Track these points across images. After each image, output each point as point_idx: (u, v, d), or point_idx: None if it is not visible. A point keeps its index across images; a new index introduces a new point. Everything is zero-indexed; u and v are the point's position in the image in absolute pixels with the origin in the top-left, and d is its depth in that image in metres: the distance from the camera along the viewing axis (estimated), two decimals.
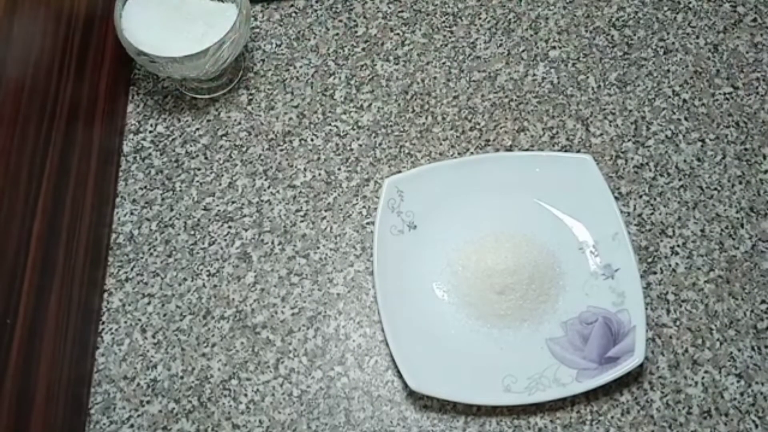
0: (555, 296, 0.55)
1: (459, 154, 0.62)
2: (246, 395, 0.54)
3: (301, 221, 0.60)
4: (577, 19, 0.68)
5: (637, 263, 0.54)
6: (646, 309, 0.53)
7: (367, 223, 0.60)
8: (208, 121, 0.64)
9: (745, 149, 0.61)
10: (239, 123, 0.64)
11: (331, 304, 0.57)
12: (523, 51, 0.66)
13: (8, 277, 0.46)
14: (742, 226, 0.58)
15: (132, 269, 0.58)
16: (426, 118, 0.64)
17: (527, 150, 0.62)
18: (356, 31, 0.68)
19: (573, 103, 0.64)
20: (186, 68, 0.58)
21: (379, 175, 0.61)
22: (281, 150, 0.63)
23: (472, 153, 0.62)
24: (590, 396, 0.53)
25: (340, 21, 0.68)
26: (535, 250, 0.56)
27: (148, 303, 0.57)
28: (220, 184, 0.62)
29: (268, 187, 0.61)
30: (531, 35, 0.67)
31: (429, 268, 0.56)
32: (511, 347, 0.54)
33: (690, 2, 0.68)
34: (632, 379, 0.53)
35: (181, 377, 0.55)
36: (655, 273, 0.57)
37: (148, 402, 0.54)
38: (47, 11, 0.53)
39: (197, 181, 0.62)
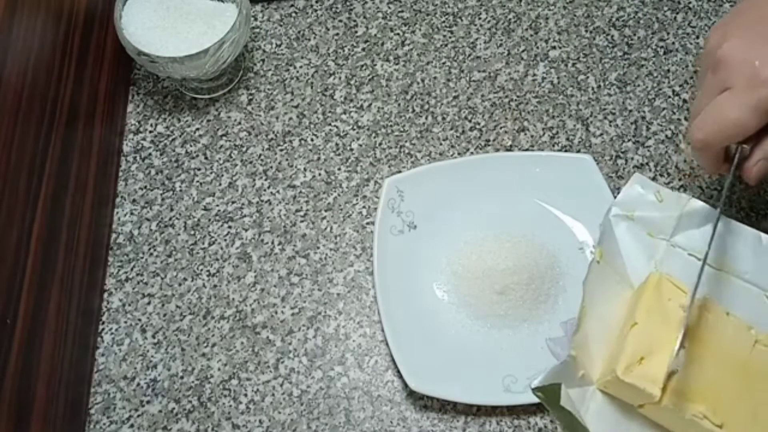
0: (555, 296, 0.55)
1: (459, 154, 0.62)
2: (246, 395, 0.54)
3: (301, 221, 0.60)
4: (577, 19, 0.68)
5: None
6: None
7: (367, 223, 0.60)
8: (208, 121, 0.64)
9: None
10: (239, 123, 0.64)
11: (331, 304, 0.57)
12: (523, 51, 0.66)
13: (8, 277, 0.46)
14: None
15: (132, 269, 0.58)
16: (426, 118, 0.64)
17: (527, 150, 0.62)
18: (356, 31, 0.68)
19: (573, 103, 0.64)
20: (186, 68, 0.58)
21: (379, 175, 0.61)
22: (281, 150, 0.63)
23: (472, 153, 0.62)
24: None
25: (340, 21, 0.68)
26: (535, 250, 0.56)
27: (148, 303, 0.57)
28: (220, 184, 0.62)
29: (268, 187, 0.61)
30: (531, 35, 0.67)
31: (429, 268, 0.56)
32: (511, 347, 0.54)
33: (690, 2, 0.68)
34: None
35: (181, 377, 0.55)
36: None
37: (148, 402, 0.54)
38: (47, 11, 0.53)
39: (197, 181, 0.62)
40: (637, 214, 0.51)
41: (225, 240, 0.59)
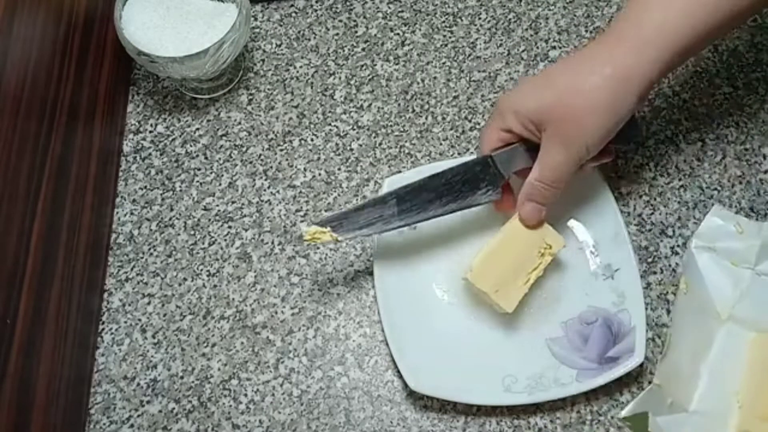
0: (555, 296, 0.55)
1: (459, 154, 0.62)
2: (246, 395, 0.54)
3: (301, 221, 0.60)
4: (577, 19, 0.68)
5: (637, 263, 0.54)
6: (646, 309, 0.53)
7: None
8: (208, 121, 0.64)
9: (745, 149, 0.61)
10: (239, 123, 0.64)
11: (331, 304, 0.57)
12: (523, 51, 0.66)
13: (8, 277, 0.46)
14: None
15: (132, 269, 0.58)
16: (426, 118, 0.64)
17: None
18: (356, 31, 0.68)
19: None
20: (186, 68, 0.58)
21: (379, 175, 0.61)
22: (281, 150, 0.63)
23: (472, 153, 0.62)
24: (590, 396, 0.53)
25: (340, 21, 0.68)
26: None
27: (148, 303, 0.57)
28: (220, 184, 0.62)
29: (268, 187, 0.61)
30: (531, 35, 0.67)
31: (429, 268, 0.56)
32: (511, 347, 0.54)
33: None
34: (632, 379, 0.53)
35: (181, 377, 0.55)
36: (655, 273, 0.57)
37: (148, 402, 0.54)
38: (47, 11, 0.53)
39: (197, 181, 0.62)
40: (719, 245, 0.52)
41: (225, 240, 0.59)
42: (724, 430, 0.47)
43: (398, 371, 0.53)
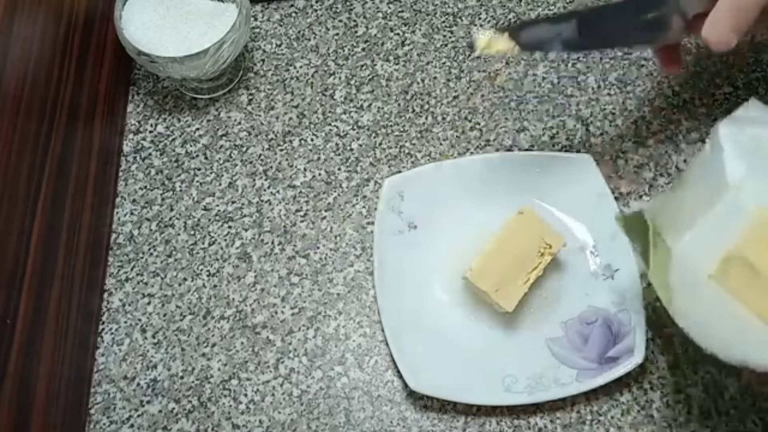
0: (555, 296, 0.55)
1: (459, 154, 0.62)
2: (246, 395, 0.54)
3: (301, 221, 0.60)
4: None
5: (637, 263, 0.54)
6: (646, 309, 0.53)
7: (367, 223, 0.60)
8: (208, 121, 0.64)
9: None
10: (239, 123, 0.64)
11: (331, 304, 0.57)
12: None
13: (8, 276, 0.46)
14: None
15: (132, 269, 0.58)
16: (426, 118, 0.64)
17: (527, 150, 0.62)
18: (356, 31, 0.68)
19: (573, 103, 0.64)
20: (186, 68, 0.58)
21: (379, 175, 0.61)
22: (281, 150, 0.63)
23: (472, 153, 0.62)
24: (590, 396, 0.53)
25: (340, 21, 0.68)
26: None
27: (148, 303, 0.57)
28: (220, 184, 0.62)
29: (268, 187, 0.61)
30: None
31: (429, 268, 0.56)
32: (511, 347, 0.54)
33: None
34: (632, 379, 0.53)
35: (181, 377, 0.55)
36: None
37: (148, 402, 0.54)
38: (47, 11, 0.53)
39: (197, 181, 0.62)
40: (747, 129, 0.49)
41: (225, 240, 0.59)
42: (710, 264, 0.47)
43: (398, 371, 0.53)
